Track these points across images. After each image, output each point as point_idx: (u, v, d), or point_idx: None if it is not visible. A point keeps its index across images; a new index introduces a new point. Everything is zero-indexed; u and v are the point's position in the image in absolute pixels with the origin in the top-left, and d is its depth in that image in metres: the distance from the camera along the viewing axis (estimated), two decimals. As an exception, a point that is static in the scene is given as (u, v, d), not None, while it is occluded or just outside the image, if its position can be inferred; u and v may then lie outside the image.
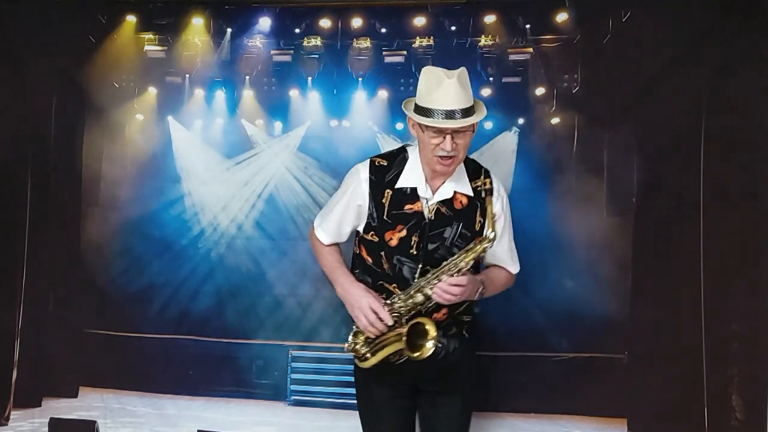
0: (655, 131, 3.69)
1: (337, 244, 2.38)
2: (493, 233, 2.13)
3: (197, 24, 4.09)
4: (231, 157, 4.30)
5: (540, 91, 3.97)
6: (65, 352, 4.03)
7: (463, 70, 2.14)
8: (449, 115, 2.05)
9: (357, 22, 4.03)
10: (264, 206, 4.26)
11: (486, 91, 3.98)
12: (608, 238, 3.79)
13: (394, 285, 2.21)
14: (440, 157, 2.12)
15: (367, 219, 2.24)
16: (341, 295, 2.25)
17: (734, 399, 3.32)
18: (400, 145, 4.55)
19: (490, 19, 3.92)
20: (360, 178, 2.24)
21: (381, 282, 2.23)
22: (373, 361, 2.23)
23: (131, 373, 4.11)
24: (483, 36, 3.95)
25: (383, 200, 2.20)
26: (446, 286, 2.09)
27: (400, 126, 4.44)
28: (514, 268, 2.39)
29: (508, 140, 3.97)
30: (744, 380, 3.29)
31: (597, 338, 3.76)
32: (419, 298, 2.14)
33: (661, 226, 3.67)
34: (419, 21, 3.98)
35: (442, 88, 2.08)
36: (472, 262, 2.16)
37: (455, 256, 2.14)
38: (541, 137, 3.93)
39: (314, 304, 4.27)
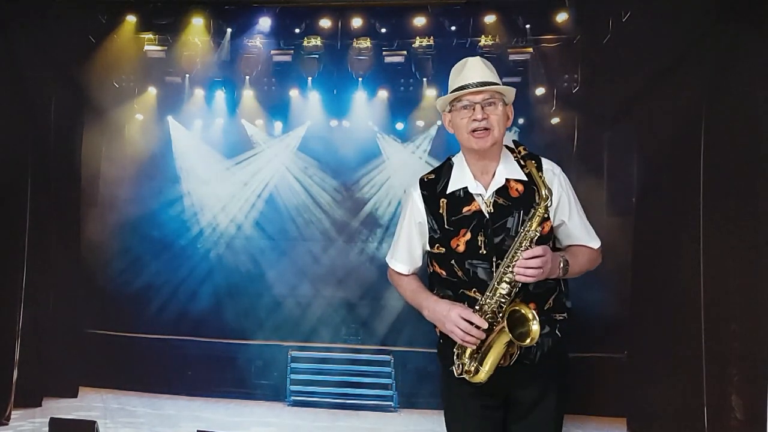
0: (655, 131, 3.69)
1: (415, 274, 2.35)
2: (545, 190, 2.10)
3: (197, 24, 4.09)
4: (231, 157, 4.29)
5: (540, 91, 3.97)
6: (65, 352, 4.03)
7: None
8: (477, 86, 2.13)
9: (357, 22, 4.03)
10: (264, 206, 4.26)
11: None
12: (608, 238, 3.78)
13: (474, 290, 2.17)
14: (474, 131, 2.12)
15: (429, 233, 2.23)
16: (430, 317, 2.21)
17: (734, 399, 3.31)
18: (401, 145, 4.61)
19: (490, 19, 3.92)
20: (413, 197, 2.27)
21: (461, 290, 2.19)
22: (486, 370, 2.10)
23: (131, 373, 4.11)
24: (483, 36, 3.95)
25: (440, 210, 2.20)
26: (525, 261, 2.05)
27: (400, 126, 4.45)
28: (595, 243, 2.39)
29: (508, 140, 3.96)
30: (744, 380, 3.29)
31: (597, 338, 3.75)
32: (504, 288, 2.09)
33: (661, 226, 3.67)
34: (419, 21, 3.98)
35: (467, 66, 2.17)
36: (539, 228, 2.10)
37: (521, 231, 2.10)
38: (541, 137, 3.93)
39: (314, 305, 4.26)
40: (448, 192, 2.22)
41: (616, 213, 3.82)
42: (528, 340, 2.06)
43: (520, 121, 3.98)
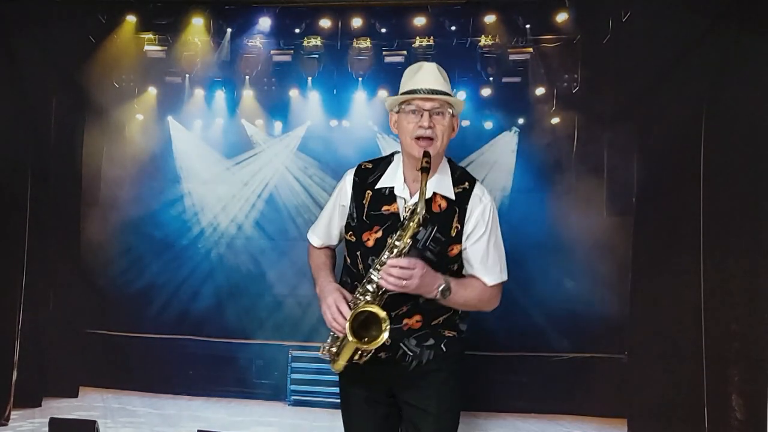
0: (655, 131, 3.69)
1: (328, 248, 2.40)
2: (421, 207, 2.01)
3: (197, 24, 4.09)
4: (231, 157, 4.29)
5: (540, 91, 3.97)
6: (65, 352, 4.03)
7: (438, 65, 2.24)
8: (428, 92, 2.12)
9: (357, 22, 4.03)
10: (264, 206, 4.26)
11: (486, 91, 3.98)
12: (608, 238, 3.79)
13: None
14: (418, 138, 2.11)
15: (348, 219, 2.25)
16: (318, 294, 2.26)
17: (734, 399, 3.32)
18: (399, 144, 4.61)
19: (490, 19, 3.92)
20: (345, 180, 2.29)
21: (355, 282, 2.22)
22: (341, 362, 2.20)
23: (131, 373, 4.11)
24: (483, 36, 3.95)
25: (363, 201, 2.21)
26: (388, 267, 2.03)
27: (400, 126, 4.44)
28: (489, 278, 2.24)
29: (508, 140, 3.97)
30: (744, 380, 3.29)
31: (597, 338, 3.76)
32: (371, 287, 2.10)
33: (661, 226, 3.67)
34: (419, 21, 3.98)
35: (422, 71, 2.17)
36: (409, 242, 2.05)
37: (391, 237, 2.08)
38: (541, 137, 3.93)
39: (314, 304, 4.23)
40: (376, 187, 2.23)
41: (616, 213, 3.82)
42: (370, 343, 2.07)
43: (520, 121, 3.98)
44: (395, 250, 2.07)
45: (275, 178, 4.28)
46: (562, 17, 3.83)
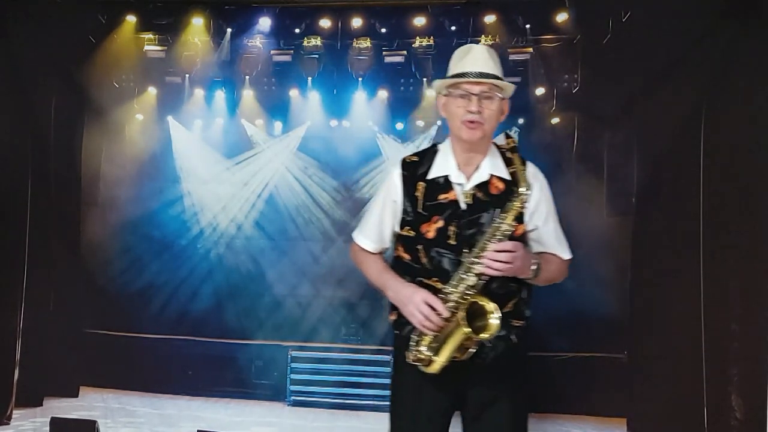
0: (655, 131, 3.69)
1: (380, 254, 2.28)
2: (525, 186, 2.03)
3: (197, 24, 4.09)
4: (231, 157, 4.30)
5: (540, 91, 3.97)
6: (66, 352, 4.03)
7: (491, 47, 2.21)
8: (478, 76, 2.07)
9: (357, 22, 4.03)
10: (264, 206, 4.27)
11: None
12: (608, 238, 3.79)
13: (435, 279, 2.08)
14: (466, 121, 2.07)
15: (402, 214, 2.16)
16: (393, 299, 2.14)
17: (734, 399, 3.31)
18: (400, 145, 4.61)
19: (490, 19, 3.92)
20: (393, 176, 2.17)
21: (420, 278, 2.18)
22: (440, 361, 2.02)
23: (131, 373, 4.12)
24: (483, 36, 3.95)
25: (416, 193, 2.13)
26: (493, 253, 1.99)
27: (400, 126, 4.45)
28: (566, 254, 2.27)
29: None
30: (744, 380, 3.29)
31: (597, 338, 3.76)
32: (470, 279, 2.02)
33: (660, 226, 3.66)
34: (419, 21, 3.98)
35: (472, 53, 2.12)
36: (514, 224, 2.03)
37: (495, 221, 2.03)
38: (541, 137, 3.93)
39: (314, 305, 4.27)
40: (429, 177, 2.21)
41: (616, 213, 3.83)
42: (486, 334, 2.03)
43: (520, 121, 3.99)
44: (498, 234, 2.03)
45: (275, 178, 4.29)
46: (562, 17, 3.83)
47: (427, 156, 2.22)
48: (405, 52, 4.07)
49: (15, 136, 3.88)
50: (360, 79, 4.15)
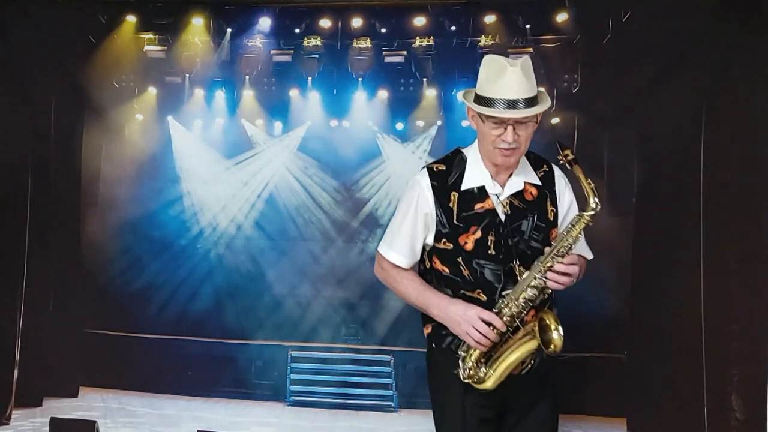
0: (655, 131, 3.69)
1: (412, 269, 2.18)
2: (595, 200, 2.00)
3: (197, 24, 4.09)
4: (231, 157, 4.30)
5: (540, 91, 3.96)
6: (65, 352, 4.03)
7: (527, 58, 2.07)
8: (511, 104, 1.97)
9: (357, 22, 4.03)
10: (264, 206, 4.27)
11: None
12: (608, 238, 3.79)
13: (478, 291, 2.06)
14: (501, 148, 2.01)
15: (437, 227, 2.08)
16: (440, 317, 2.06)
17: (734, 399, 3.31)
18: (400, 145, 4.60)
19: (490, 19, 3.92)
20: (422, 186, 2.09)
21: (463, 291, 2.12)
22: (496, 376, 2.01)
23: (131, 373, 4.11)
24: (483, 36, 3.95)
25: (450, 204, 2.07)
26: (563, 268, 1.97)
27: (400, 126, 4.44)
28: (590, 255, 2.29)
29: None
30: (744, 380, 3.28)
31: (597, 338, 3.75)
32: (531, 293, 2.01)
33: (661, 226, 3.66)
34: (419, 21, 3.98)
35: (505, 77, 2.00)
36: (580, 237, 2.03)
37: (560, 239, 2.02)
38: (541, 137, 3.91)
39: (314, 305, 4.27)
40: (462, 188, 2.12)
41: (616, 213, 3.82)
42: (552, 348, 2.01)
43: (520, 121, 3.98)
44: (562, 249, 2.00)
45: (275, 178, 4.29)
46: (562, 17, 3.83)
47: (455, 164, 2.14)
48: (405, 52, 4.07)
49: (15, 136, 3.88)
50: (360, 79, 4.15)
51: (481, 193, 2.09)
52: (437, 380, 2.20)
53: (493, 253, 2.05)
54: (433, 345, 2.16)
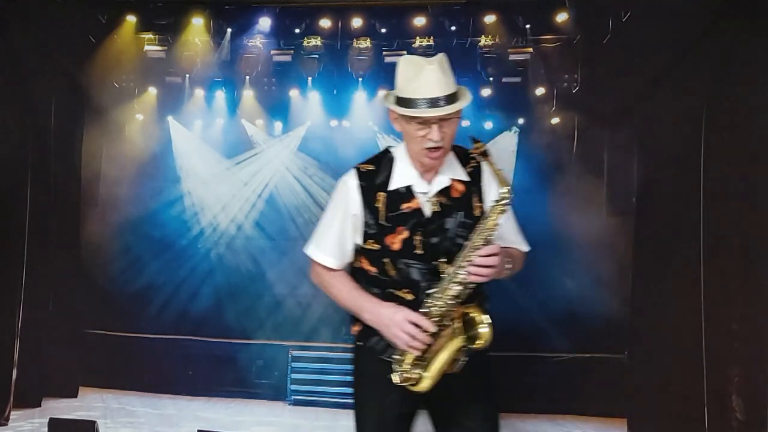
0: (655, 131, 3.69)
1: (343, 270, 2.16)
2: (507, 188, 1.96)
3: (197, 24, 4.09)
4: (231, 157, 4.30)
5: (540, 91, 3.97)
6: (65, 352, 4.03)
7: (443, 56, 2.04)
8: (433, 103, 1.96)
9: (357, 22, 4.03)
10: (264, 206, 4.27)
11: (486, 91, 3.99)
12: (608, 238, 3.79)
13: (406, 290, 2.05)
14: (428, 149, 1.99)
15: (364, 227, 2.10)
16: (371, 321, 2.06)
17: (734, 399, 3.31)
18: (400, 144, 4.60)
19: (490, 19, 3.92)
20: (349, 187, 2.08)
21: (390, 290, 2.11)
22: (430, 377, 1.99)
23: (131, 373, 4.11)
24: (483, 36, 3.95)
25: (377, 204, 2.06)
26: (483, 259, 1.93)
27: (400, 126, 4.44)
28: (526, 247, 2.25)
29: (508, 140, 3.98)
30: (744, 380, 3.29)
31: (597, 338, 3.76)
32: (455, 289, 1.97)
33: (661, 226, 3.66)
34: (419, 21, 3.98)
35: (423, 76, 1.98)
36: (497, 228, 1.98)
37: (477, 231, 1.98)
38: (541, 137, 3.93)
39: (314, 304, 4.27)
40: (390, 188, 2.06)
41: (616, 213, 3.83)
42: (480, 343, 1.98)
43: (520, 121, 3.99)
44: (479, 242, 1.95)
45: (275, 178, 4.29)
46: (562, 17, 3.83)
47: (383, 164, 2.12)
48: (405, 52, 4.06)
49: (15, 136, 3.88)
50: (360, 79, 4.15)
51: (408, 192, 2.06)
52: (359, 374, 2.24)
53: (421, 252, 2.03)
54: (358, 343, 2.18)
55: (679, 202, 3.59)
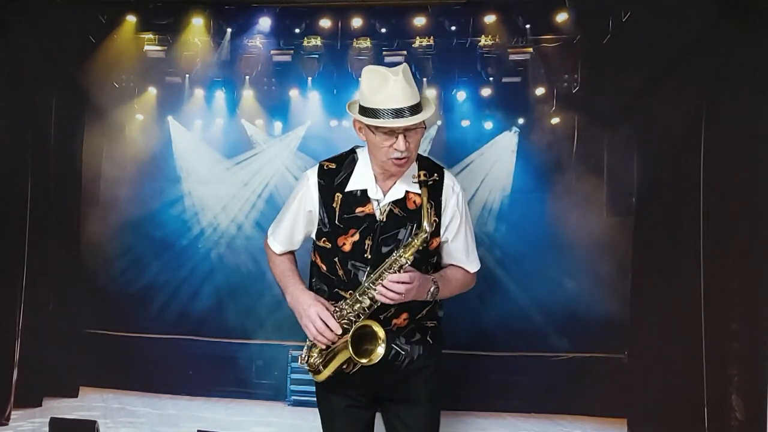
0: (655, 131, 3.69)
1: (291, 253, 2.35)
2: (428, 225, 2.01)
3: (197, 24, 4.09)
4: (231, 157, 4.29)
5: (540, 91, 3.97)
6: (65, 352, 4.03)
7: (406, 66, 2.12)
8: (398, 113, 2.00)
9: (357, 22, 4.03)
10: (264, 206, 4.26)
11: (486, 91, 3.98)
12: (608, 238, 3.79)
13: (351, 292, 2.14)
14: (394, 158, 2.05)
15: (318, 225, 2.18)
16: (291, 304, 2.19)
17: (734, 399, 3.32)
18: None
19: (490, 19, 3.92)
20: (309, 183, 2.18)
21: (336, 289, 2.18)
22: (326, 373, 2.17)
23: (131, 373, 4.11)
24: (483, 36, 3.95)
25: (333, 204, 2.13)
26: (389, 284, 2.00)
27: (400, 126, 4.44)
28: (472, 267, 2.30)
29: (508, 140, 3.97)
30: (744, 380, 3.29)
31: (597, 338, 3.76)
32: (366, 301, 2.06)
33: (661, 226, 3.67)
34: (419, 21, 3.98)
35: (388, 87, 2.03)
36: (412, 258, 2.03)
37: (395, 254, 2.05)
38: (541, 137, 3.93)
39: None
40: (346, 189, 2.15)
41: (616, 213, 3.82)
42: (366, 359, 2.04)
43: (520, 121, 3.98)
44: (395, 266, 2.03)
45: (275, 178, 4.28)
46: (562, 17, 3.83)
47: (346, 164, 2.20)
48: (405, 52, 4.06)
49: (15, 136, 3.89)
50: (360, 79, 4.14)
51: (363, 197, 2.16)
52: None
53: (369, 256, 2.13)
54: None
55: (679, 202, 3.60)
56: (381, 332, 2.06)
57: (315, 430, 4.04)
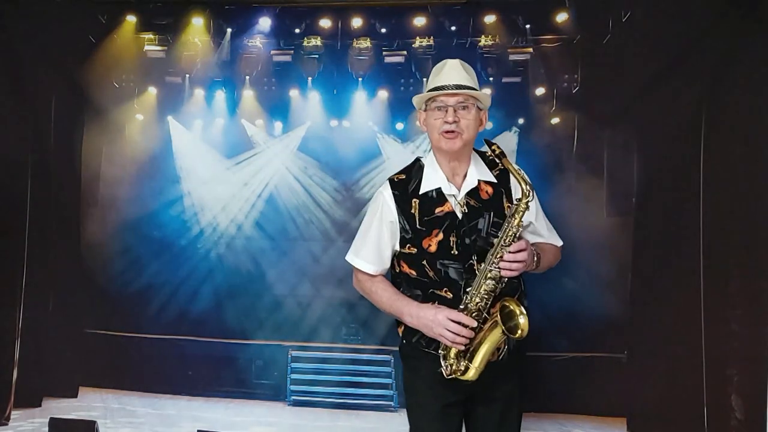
0: (655, 131, 3.69)
1: (383, 276, 2.31)
2: (527, 187, 2.12)
3: (197, 24, 4.09)
4: (231, 157, 4.29)
5: (540, 91, 3.97)
6: (65, 352, 4.03)
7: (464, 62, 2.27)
8: (448, 87, 2.17)
9: (357, 22, 4.04)
10: (264, 206, 4.26)
11: (486, 91, 3.98)
12: (608, 238, 3.79)
13: (445, 289, 2.18)
14: (445, 132, 2.16)
15: (401, 233, 2.22)
16: (414, 324, 2.17)
17: (734, 399, 3.32)
18: (401, 145, 4.61)
19: (490, 19, 3.92)
20: (384, 197, 2.25)
21: (431, 290, 2.20)
22: (476, 367, 2.11)
23: (131, 373, 4.11)
24: (483, 36, 3.95)
25: (412, 210, 2.20)
26: (511, 256, 2.09)
27: (400, 126, 4.44)
28: (558, 241, 2.43)
29: (508, 140, 3.97)
30: (744, 380, 3.29)
31: (597, 338, 3.76)
32: (489, 285, 2.11)
33: (661, 226, 3.67)
34: (419, 21, 3.99)
35: (446, 68, 2.22)
36: (522, 225, 2.13)
37: (503, 229, 2.13)
38: (541, 137, 3.93)
39: (314, 304, 4.26)
40: (420, 192, 2.23)
41: (616, 213, 3.83)
42: (519, 333, 2.10)
43: (520, 121, 3.99)
44: (509, 240, 2.10)
45: (275, 178, 4.28)
46: (562, 17, 3.84)
47: (414, 172, 2.30)
48: (405, 52, 4.07)
49: (15, 136, 3.89)
50: (360, 79, 4.15)
51: (440, 196, 2.23)
52: (407, 369, 2.33)
53: (456, 252, 2.16)
54: (404, 341, 2.28)
55: (679, 202, 3.60)
56: (517, 306, 2.11)
57: (315, 429, 4.06)
